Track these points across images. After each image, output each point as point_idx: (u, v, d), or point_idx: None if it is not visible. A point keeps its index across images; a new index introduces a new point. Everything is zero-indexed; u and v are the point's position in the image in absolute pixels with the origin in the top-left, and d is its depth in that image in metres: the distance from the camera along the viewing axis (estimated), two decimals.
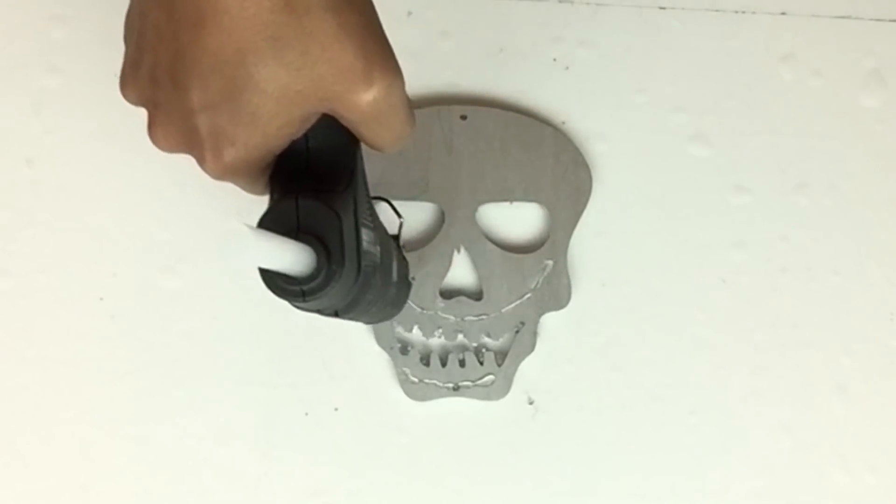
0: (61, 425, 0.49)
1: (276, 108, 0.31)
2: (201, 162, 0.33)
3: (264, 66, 0.30)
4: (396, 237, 0.40)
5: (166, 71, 0.31)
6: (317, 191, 0.32)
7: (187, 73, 0.31)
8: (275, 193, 0.34)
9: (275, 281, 0.31)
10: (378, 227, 0.36)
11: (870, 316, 0.49)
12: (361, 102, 0.31)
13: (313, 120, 0.32)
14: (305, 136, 0.33)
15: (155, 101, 0.32)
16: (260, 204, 0.50)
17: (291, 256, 0.30)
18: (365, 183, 0.35)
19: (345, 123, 0.33)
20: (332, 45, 0.30)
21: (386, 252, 0.37)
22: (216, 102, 0.31)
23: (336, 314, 0.35)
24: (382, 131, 0.33)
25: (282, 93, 0.30)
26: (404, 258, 0.42)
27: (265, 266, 0.30)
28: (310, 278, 0.31)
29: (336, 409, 0.49)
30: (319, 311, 0.35)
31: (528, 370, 0.49)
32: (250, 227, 0.28)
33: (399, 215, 0.41)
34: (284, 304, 0.49)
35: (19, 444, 0.49)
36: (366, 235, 0.34)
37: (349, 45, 0.30)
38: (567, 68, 0.51)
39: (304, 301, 0.31)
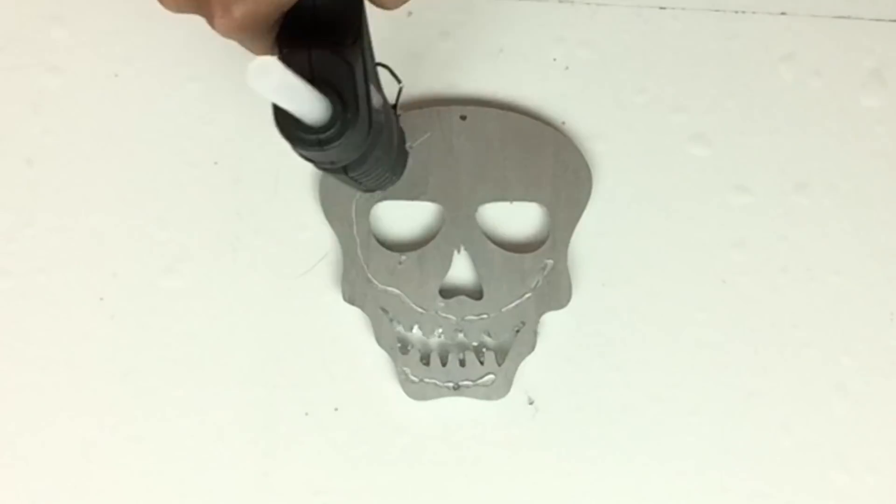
0: (61, 425, 0.49)
1: None
2: (210, 18, 0.33)
3: None
4: (395, 105, 0.40)
5: None
6: (327, 44, 0.33)
7: None
8: (283, 49, 0.34)
9: (292, 130, 0.31)
10: (380, 88, 0.37)
11: (870, 316, 0.49)
12: None
13: None
14: None
15: None
16: (261, 208, 0.50)
17: (310, 100, 0.30)
18: (370, 41, 0.36)
19: None
20: None
21: (387, 114, 0.38)
22: None
23: (344, 170, 0.36)
24: None
25: None
26: (401, 127, 0.42)
27: (285, 104, 0.30)
28: (326, 127, 0.31)
29: (336, 409, 0.49)
30: (330, 166, 0.35)
31: (528, 370, 0.49)
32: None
33: (398, 80, 0.41)
34: (284, 304, 0.49)
35: (19, 444, 0.49)
36: (373, 91, 0.34)
37: None
38: (567, 68, 0.51)
39: (321, 150, 0.32)
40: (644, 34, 0.51)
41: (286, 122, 0.31)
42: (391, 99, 0.40)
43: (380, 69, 0.39)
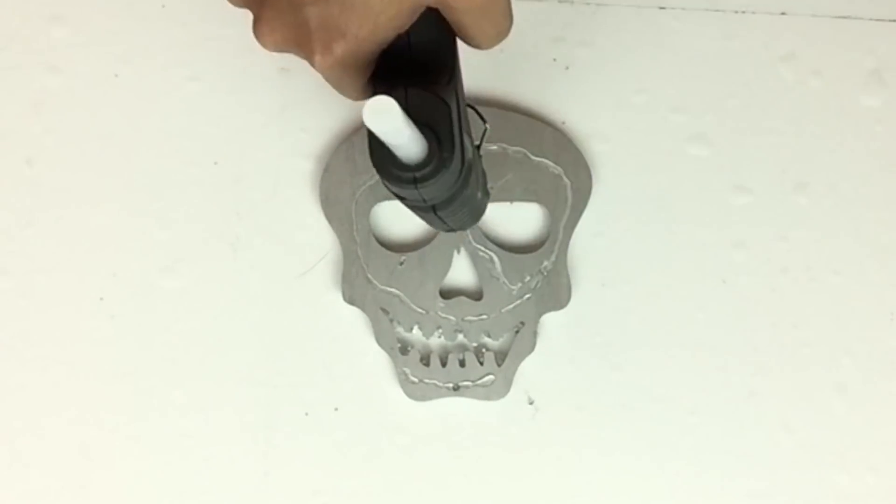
0: (61, 425, 0.49)
1: None
2: (310, 56, 0.33)
3: None
4: (479, 146, 0.40)
5: None
6: (423, 84, 0.33)
7: None
8: (378, 88, 0.34)
9: (388, 168, 0.31)
10: (469, 129, 0.37)
11: (870, 316, 0.49)
12: None
13: (419, 12, 0.32)
14: (407, 32, 0.33)
15: None
16: (261, 208, 0.50)
17: (412, 139, 0.30)
18: (462, 81, 0.36)
19: (448, 16, 0.33)
20: None
21: (474, 154, 0.38)
22: None
23: (434, 209, 0.36)
24: (485, 24, 0.33)
25: None
26: (484, 168, 0.42)
27: (393, 142, 0.30)
28: (421, 165, 0.31)
29: (336, 409, 0.49)
30: (420, 204, 0.35)
31: (528, 370, 0.49)
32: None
33: (484, 121, 0.41)
34: (284, 304, 0.49)
35: (19, 444, 0.49)
36: (465, 131, 0.35)
37: None
38: (567, 68, 0.51)
39: (416, 188, 0.32)
40: (644, 34, 0.51)
41: (383, 160, 0.31)
42: (475, 139, 0.41)
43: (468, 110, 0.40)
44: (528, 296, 0.49)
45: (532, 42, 0.51)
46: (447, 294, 0.49)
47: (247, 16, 0.35)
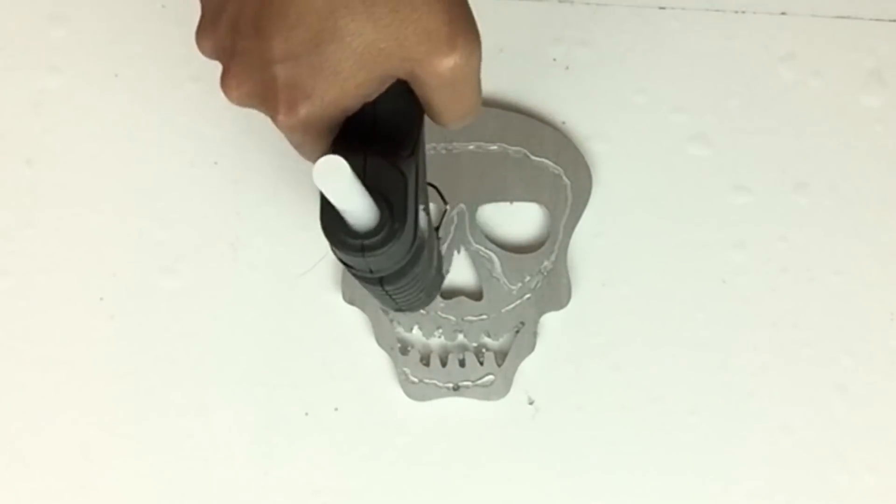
0: (61, 425, 0.49)
1: (358, 64, 0.31)
2: (274, 114, 0.33)
3: (353, 19, 0.30)
4: (437, 227, 0.40)
5: (250, 19, 0.31)
6: (383, 153, 0.33)
7: (272, 22, 0.31)
8: (338, 152, 0.34)
9: (338, 233, 0.31)
10: (427, 206, 0.37)
11: (870, 316, 0.49)
12: (442, 67, 0.31)
13: (389, 83, 0.32)
14: (374, 101, 0.33)
15: (232, 51, 0.32)
16: (261, 208, 0.50)
17: (362, 205, 0.30)
18: (424, 157, 0.36)
19: (417, 90, 0.33)
20: (422, 6, 0.30)
21: (430, 233, 0.38)
22: (298, 53, 0.31)
23: (380, 282, 0.36)
24: (455, 101, 0.33)
25: (366, 49, 0.31)
26: (440, 251, 0.42)
27: (341, 205, 0.30)
28: (372, 233, 0.31)
29: (336, 409, 0.49)
30: (368, 275, 0.35)
31: (528, 370, 0.49)
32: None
33: (445, 201, 0.41)
34: (284, 304, 0.49)
35: (19, 444, 0.49)
36: (421, 207, 0.34)
37: (437, 9, 0.31)
38: (567, 68, 0.51)
39: (363, 256, 0.32)
40: (644, 34, 0.51)
41: (333, 225, 0.31)
42: (434, 220, 0.40)
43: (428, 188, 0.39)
44: (528, 296, 0.49)
45: (532, 42, 0.51)
46: (447, 294, 0.49)
47: None
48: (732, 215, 0.50)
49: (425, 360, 0.49)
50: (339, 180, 0.28)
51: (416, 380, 0.48)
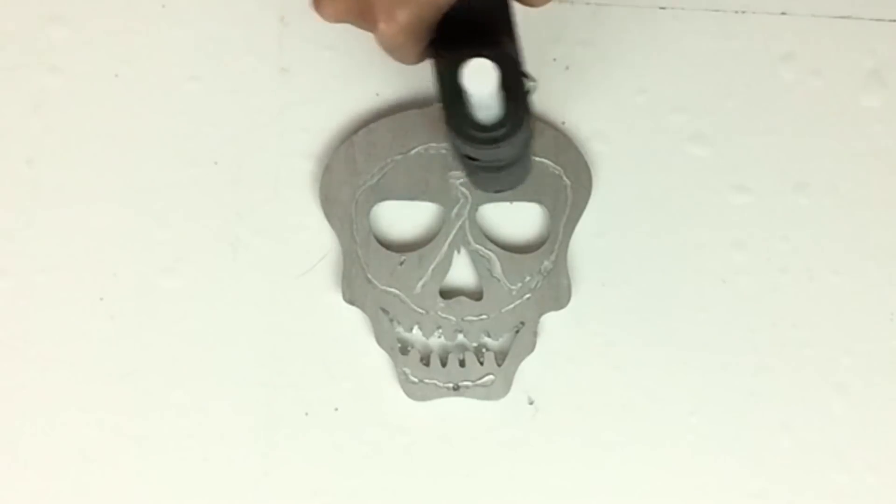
0: (61, 425, 0.49)
1: None
2: (373, 25, 0.33)
3: None
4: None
5: None
6: (491, 45, 0.33)
7: None
8: (443, 52, 0.34)
9: (467, 130, 0.32)
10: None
11: (870, 316, 0.49)
12: None
13: None
14: None
15: None
16: (261, 208, 0.50)
17: (495, 97, 0.31)
18: (520, 39, 0.36)
19: None
20: None
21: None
22: None
23: (499, 169, 0.37)
24: None
25: None
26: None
27: (485, 102, 0.31)
28: (501, 124, 0.32)
29: (336, 409, 0.49)
30: (492, 164, 0.36)
31: (528, 370, 0.49)
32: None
33: (531, 79, 0.41)
34: (284, 304, 0.49)
35: (19, 444, 0.49)
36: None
37: None
38: (567, 68, 0.51)
39: (495, 147, 0.32)
40: (644, 34, 0.51)
41: (461, 122, 0.32)
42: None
43: None
44: (528, 296, 0.49)
45: (532, 42, 0.51)
46: (447, 294, 0.49)
47: (247, 15, 0.35)
48: (732, 215, 0.50)
49: (425, 360, 0.49)
50: (490, 82, 0.29)
51: (416, 380, 0.48)
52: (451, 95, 0.31)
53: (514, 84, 0.33)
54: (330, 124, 0.50)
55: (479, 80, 0.29)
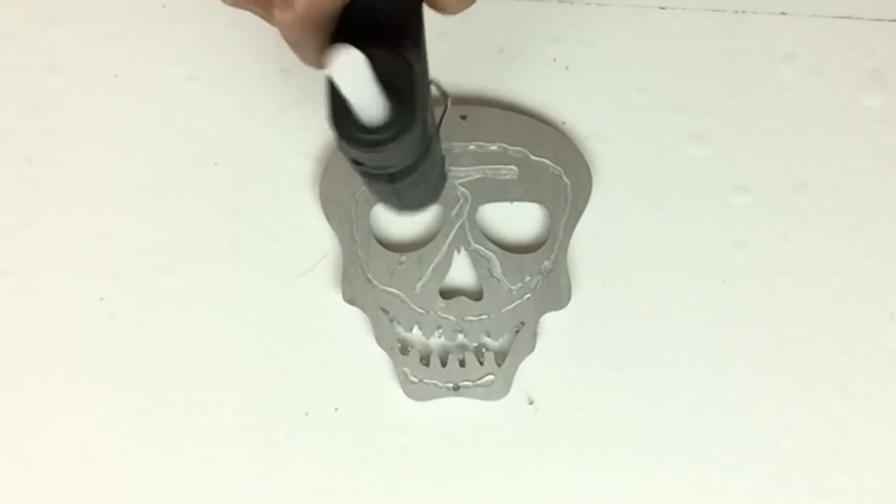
0: (61, 425, 0.49)
1: None
2: (269, 11, 0.32)
3: None
4: (439, 123, 0.40)
5: None
6: (387, 45, 0.32)
7: None
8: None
9: (349, 129, 0.31)
10: (430, 100, 0.36)
11: (870, 316, 0.49)
12: None
13: None
14: None
15: None
16: (261, 208, 0.50)
17: (375, 98, 0.30)
18: (426, 49, 0.35)
19: None
20: None
21: (436, 131, 0.37)
22: None
23: (391, 178, 0.35)
24: None
25: None
26: (441, 148, 0.42)
27: (354, 98, 0.29)
28: (384, 127, 0.31)
29: (336, 409, 0.49)
30: (377, 172, 0.34)
31: (528, 370, 0.49)
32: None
33: (446, 96, 0.40)
34: (284, 304, 0.49)
35: (19, 444, 0.49)
36: (428, 99, 0.34)
37: None
38: (567, 68, 0.51)
39: (376, 151, 0.31)
40: (644, 34, 0.51)
41: (343, 121, 0.31)
42: (435, 116, 0.40)
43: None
44: (528, 296, 0.49)
45: (532, 42, 0.51)
46: (447, 294, 0.49)
47: (246, 15, 0.35)
48: (732, 215, 0.50)
49: (425, 360, 0.49)
50: (354, 72, 0.28)
51: (416, 380, 0.48)
52: (335, 92, 0.30)
53: (403, 85, 0.31)
54: None
55: (348, 73, 0.28)
